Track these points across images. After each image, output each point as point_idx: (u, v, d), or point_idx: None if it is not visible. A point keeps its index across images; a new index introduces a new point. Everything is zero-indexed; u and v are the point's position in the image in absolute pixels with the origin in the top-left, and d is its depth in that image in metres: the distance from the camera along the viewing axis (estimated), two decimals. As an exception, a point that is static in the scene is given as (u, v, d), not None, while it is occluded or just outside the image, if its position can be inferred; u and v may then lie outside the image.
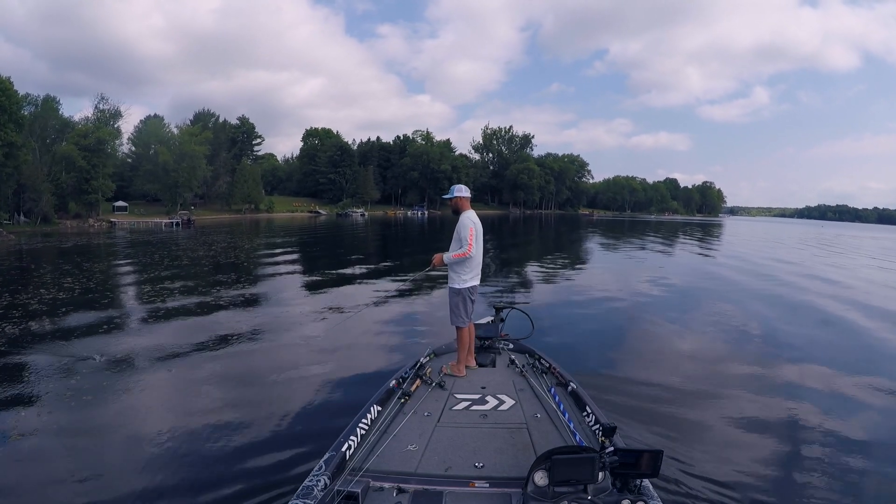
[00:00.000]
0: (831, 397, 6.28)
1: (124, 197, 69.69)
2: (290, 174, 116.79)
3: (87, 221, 53.48)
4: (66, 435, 4.89)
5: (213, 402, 5.73)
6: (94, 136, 53.98)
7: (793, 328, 10.18)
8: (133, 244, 30.78)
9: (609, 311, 11.53)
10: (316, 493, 2.67)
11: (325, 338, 8.72)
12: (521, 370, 4.74)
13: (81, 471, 4.23)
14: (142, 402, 5.77)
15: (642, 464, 2.55)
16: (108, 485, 4.03)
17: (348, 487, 2.70)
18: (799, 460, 4.57)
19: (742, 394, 6.26)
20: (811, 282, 17.10)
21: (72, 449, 4.64)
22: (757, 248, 34.44)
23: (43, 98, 55.47)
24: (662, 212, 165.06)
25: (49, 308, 10.56)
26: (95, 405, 5.59)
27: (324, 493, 2.70)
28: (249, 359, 7.48)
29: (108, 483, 4.06)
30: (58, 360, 7.03)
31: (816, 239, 51.02)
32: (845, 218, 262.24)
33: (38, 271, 17.34)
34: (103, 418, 5.34)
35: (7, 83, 40.28)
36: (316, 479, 2.76)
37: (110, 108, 62.29)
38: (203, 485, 3.99)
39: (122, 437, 4.89)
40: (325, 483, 2.76)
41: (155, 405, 5.74)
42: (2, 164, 40.11)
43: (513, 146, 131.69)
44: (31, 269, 17.94)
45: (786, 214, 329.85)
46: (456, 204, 4.93)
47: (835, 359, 7.92)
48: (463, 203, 4.92)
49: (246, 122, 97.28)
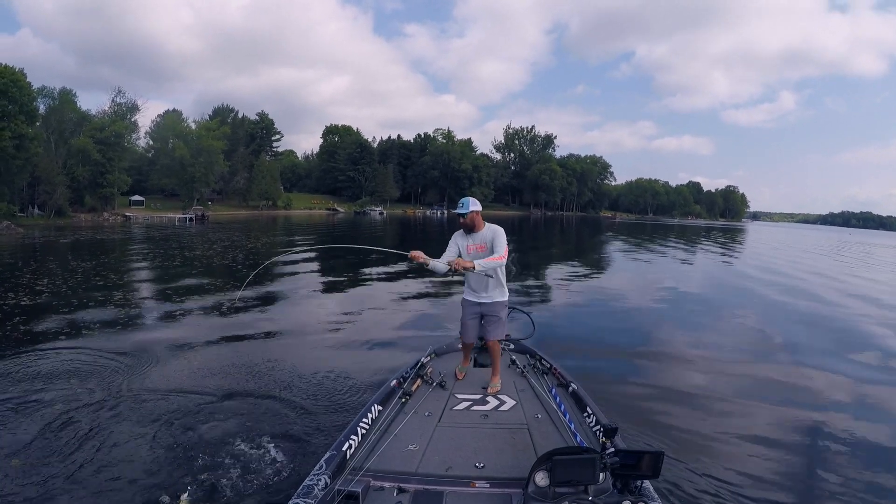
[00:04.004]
0: (843, 404, 6.13)
1: (142, 191, 69.53)
2: (309, 171, 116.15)
3: (102, 215, 53.07)
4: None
5: (213, 398, 5.59)
6: (110, 129, 53.46)
7: (822, 344, 9.34)
8: (134, 240, 29.92)
9: (629, 316, 11.31)
10: (316, 493, 2.63)
11: (325, 340, 8.52)
12: (522, 371, 4.72)
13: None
14: (138, 400, 5.50)
15: (643, 465, 2.51)
16: (105, 483, 3.88)
17: (349, 487, 2.70)
18: (803, 465, 4.53)
19: (749, 400, 6.13)
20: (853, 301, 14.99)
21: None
22: (791, 258, 31.88)
23: (59, 90, 55.07)
24: (685, 216, 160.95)
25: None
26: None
27: (324, 492, 2.67)
28: (249, 358, 7.19)
29: (105, 481, 3.90)
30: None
31: (847, 248, 47.86)
32: (869, 225, 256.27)
33: (21, 269, 16.03)
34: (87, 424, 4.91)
35: (19, 75, 39.68)
36: (316, 479, 2.72)
37: (127, 102, 61.66)
38: (202, 484, 3.86)
39: (120, 438, 4.64)
40: (325, 482, 2.72)
41: (153, 400, 5.52)
42: (13, 155, 39.51)
43: (535, 146, 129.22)
44: (16, 266, 16.66)
45: (809, 220, 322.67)
46: (472, 220, 4.17)
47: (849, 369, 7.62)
48: (479, 219, 4.22)
49: (265, 118, 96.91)
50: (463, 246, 4.26)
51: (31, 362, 6.64)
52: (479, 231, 4.22)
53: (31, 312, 9.67)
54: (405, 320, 10.09)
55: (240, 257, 20.68)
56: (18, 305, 10.19)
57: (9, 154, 39.17)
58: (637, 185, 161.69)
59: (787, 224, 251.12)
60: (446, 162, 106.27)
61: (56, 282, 13.19)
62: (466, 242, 4.25)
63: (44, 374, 6.19)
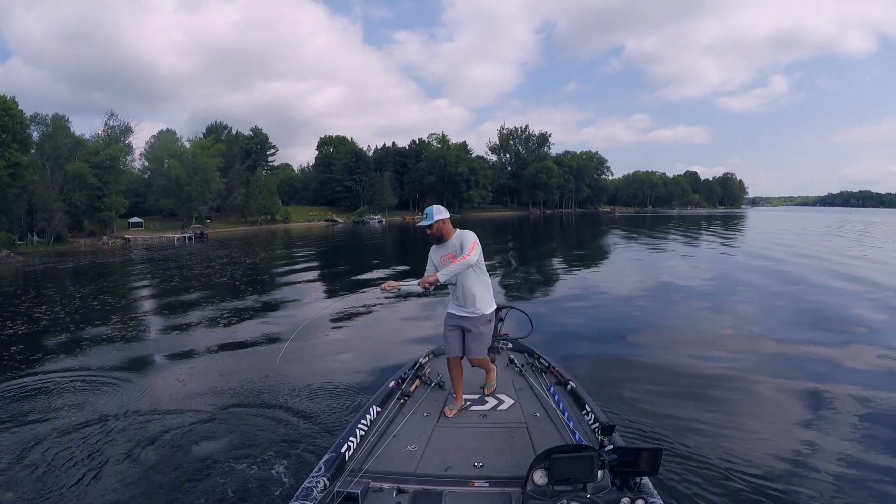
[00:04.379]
0: (846, 406, 5.74)
1: (140, 213, 69.46)
2: (306, 184, 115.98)
3: (101, 239, 52.99)
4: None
5: (211, 404, 5.59)
6: (104, 153, 53.50)
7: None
8: (134, 262, 29.85)
9: (632, 310, 11.12)
10: (315, 495, 2.63)
11: (323, 343, 8.51)
12: (520, 369, 4.70)
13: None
14: (139, 414, 5.52)
15: (642, 462, 2.50)
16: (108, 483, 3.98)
17: (348, 488, 2.70)
18: (804, 461, 4.39)
19: (748, 395, 6.02)
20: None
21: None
22: (809, 243, 31.60)
23: (52, 117, 55.20)
24: (685, 206, 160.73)
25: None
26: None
27: (323, 494, 2.67)
28: (247, 364, 7.25)
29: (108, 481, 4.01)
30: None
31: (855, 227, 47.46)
32: (868, 204, 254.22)
33: (20, 297, 15.98)
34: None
35: (10, 103, 39.80)
36: (315, 481, 2.73)
37: (120, 125, 61.82)
38: (201, 486, 3.88)
39: (117, 437, 4.73)
40: (324, 484, 2.73)
41: (152, 404, 5.61)
42: (8, 184, 39.54)
43: (530, 146, 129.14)
44: (15, 294, 16.60)
45: (808, 203, 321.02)
46: (440, 230, 3.94)
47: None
48: (447, 227, 3.97)
49: (259, 133, 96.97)
50: (437, 259, 4.02)
51: (27, 387, 6.62)
52: (449, 239, 3.96)
53: (27, 340, 9.62)
54: (404, 322, 10.11)
55: (237, 274, 20.61)
56: (16, 334, 10.14)
57: (4, 183, 39.21)
58: (634, 179, 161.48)
59: (787, 207, 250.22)
60: (442, 166, 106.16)
61: (54, 308, 13.15)
62: (440, 254, 4.01)
63: (39, 399, 6.16)
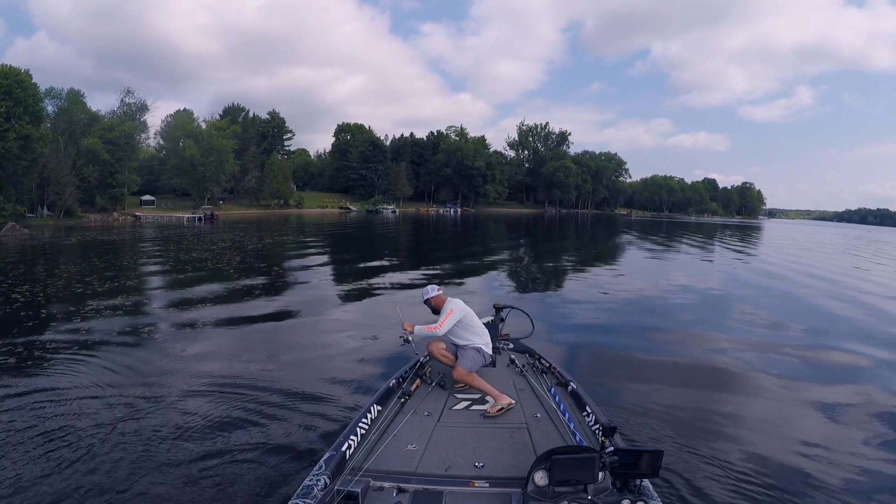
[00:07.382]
0: (846, 408, 5.85)
1: (153, 191, 69.30)
2: (322, 170, 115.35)
3: (112, 215, 52.84)
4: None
5: (210, 405, 5.41)
6: (119, 129, 53.09)
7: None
8: (140, 239, 29.13)
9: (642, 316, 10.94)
10: (316, 493, 2.60)
11: (325, 343, 8.32)
12: (521, 370, 4.68)
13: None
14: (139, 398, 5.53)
15: (642, 464, 2.48)
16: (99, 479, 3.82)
17: (348, 487, 2.66)
18: (804, 462, 4.37)
19: (751, 399, 6.06)
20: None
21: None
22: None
23: (67, 91, 54.84)
24: (701, 213, 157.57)
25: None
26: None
27: (324, 492, 2.64)
28: (249, 363, 7.01)
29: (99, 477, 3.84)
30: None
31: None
32: (886, 222, 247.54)
33: (8, 273, 15.17)
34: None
35: (24, 76, 39.28)
36: (316, 479, 2.69)
37: (136, 102, 61.44)
38: (200, 483, 3.81)
39: (113, 436, 4.56)
40: (325, 483, 2.70)
41: (150, 401, 5.47)
42: (18, 156, 39.08)
43: (549, 143, 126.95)
44: (4, 270, 15.81)
45: (826, 218, 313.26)
46: (434, 303, 4.72)
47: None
48: (437, 300, 4.72)
49: (276, 117, 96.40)
50: (432, 319, 4.66)
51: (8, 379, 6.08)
52: (441, 307, 4.63)
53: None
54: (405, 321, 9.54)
55: (235, 261, 19.65)
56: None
57: (14, 154, 38.78)
58: (652, 183, 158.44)
59: (804, 221, 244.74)
60: (459, 159, 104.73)
61: (34, 289, 12.25)
62: (434, 317, 4.68)
63: (28, 393, 5.70)
